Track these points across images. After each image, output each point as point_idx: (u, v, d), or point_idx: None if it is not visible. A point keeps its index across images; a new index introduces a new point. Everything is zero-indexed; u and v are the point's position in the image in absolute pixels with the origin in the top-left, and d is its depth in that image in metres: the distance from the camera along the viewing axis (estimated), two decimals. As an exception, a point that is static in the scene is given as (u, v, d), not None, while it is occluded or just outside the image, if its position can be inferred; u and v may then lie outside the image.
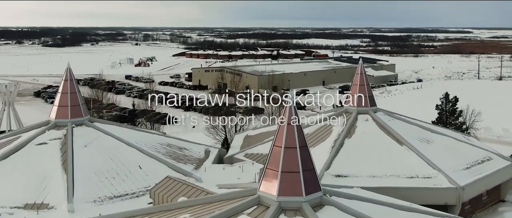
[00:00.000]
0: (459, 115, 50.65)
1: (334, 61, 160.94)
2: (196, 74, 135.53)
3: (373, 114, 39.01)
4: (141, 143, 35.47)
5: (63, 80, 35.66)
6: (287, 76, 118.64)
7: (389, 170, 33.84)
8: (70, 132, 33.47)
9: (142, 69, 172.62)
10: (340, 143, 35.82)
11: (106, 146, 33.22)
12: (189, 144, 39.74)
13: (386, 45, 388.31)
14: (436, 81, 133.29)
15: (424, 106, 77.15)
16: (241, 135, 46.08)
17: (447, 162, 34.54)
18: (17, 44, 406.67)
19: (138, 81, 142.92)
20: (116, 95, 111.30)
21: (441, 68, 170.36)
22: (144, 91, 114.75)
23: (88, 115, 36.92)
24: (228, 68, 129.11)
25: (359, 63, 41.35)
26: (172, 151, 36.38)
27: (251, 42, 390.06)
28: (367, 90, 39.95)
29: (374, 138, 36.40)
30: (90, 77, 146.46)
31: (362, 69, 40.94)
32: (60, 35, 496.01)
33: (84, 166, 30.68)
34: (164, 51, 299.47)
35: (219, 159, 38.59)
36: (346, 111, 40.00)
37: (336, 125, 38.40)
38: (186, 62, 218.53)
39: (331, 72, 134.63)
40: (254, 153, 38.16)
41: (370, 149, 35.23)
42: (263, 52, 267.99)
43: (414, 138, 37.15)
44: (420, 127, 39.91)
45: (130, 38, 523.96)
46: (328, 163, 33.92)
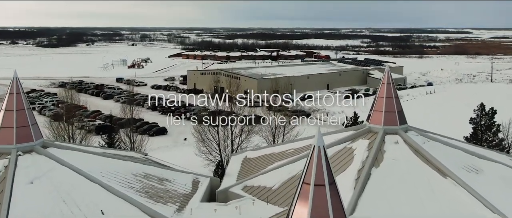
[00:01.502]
0: (497, 130, 42.57)
1: (338, 63, 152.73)
2: (191, 77, 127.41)
3: (404, 134, 30.93)
4: (109, 175, 27.42)
5: (8, 94, 27.60)
6: (289, 80, 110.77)
7: (432, 211, 25.70)
8: (14, 163, 25.38)
9: (135, 72, 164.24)
10: (366, 175, 27.68)
11: (60, 182, 25.17)
12: (173, 172, 31.66)
13: (388, 46, 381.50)
14: (448, 84, 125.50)
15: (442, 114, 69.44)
16: (238, 157, 38.03)
17: (507, 200, 26.50)
18: (11, 45, 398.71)
19: (130, 84, 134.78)
20: (104, 100, 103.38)
21: (450, 70, 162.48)
22: (134, 96, 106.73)
23: (42, 138, 28.77)
24: (226, 71, 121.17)
25: (385, 71, 33.23)
26: (149, 185, 28.30)
27: (249, 42, 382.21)
28: (396, 105, 31.88)
29: (408, 167, 28.30)
30: (78, 80, 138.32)
31: (390, 77, 32.84)
32: (56, 36, 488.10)
33: (24, 212, 22.59)
34: (160, 52, 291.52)
35: (210, 192, 30.59)
36: (369, 130, 31.95)
37: (358, 148, 30.33)
38: (182, 64, 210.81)
39: (336, 75, 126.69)
40: (254, 185, 30.13)
41: (405, 183, 27.13)
42: (262, 53, 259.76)
43: (459, 166, 29.06)
44: (463, 150, 31.83)
45: (127, 38, 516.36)
46: (352, 203, 25.80)
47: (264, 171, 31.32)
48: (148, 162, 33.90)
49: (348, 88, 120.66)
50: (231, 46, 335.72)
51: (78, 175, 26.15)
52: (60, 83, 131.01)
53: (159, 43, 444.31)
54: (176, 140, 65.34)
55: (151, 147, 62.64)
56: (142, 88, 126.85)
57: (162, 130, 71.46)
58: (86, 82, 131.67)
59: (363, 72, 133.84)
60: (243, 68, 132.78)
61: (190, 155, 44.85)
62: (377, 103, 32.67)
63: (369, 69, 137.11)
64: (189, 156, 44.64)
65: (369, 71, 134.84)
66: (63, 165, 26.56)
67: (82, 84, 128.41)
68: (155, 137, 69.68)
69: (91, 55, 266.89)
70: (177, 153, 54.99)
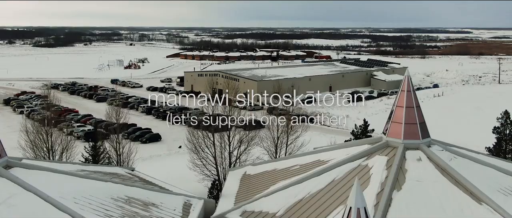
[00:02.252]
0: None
1: (340, 64, 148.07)
2: (189, 79, 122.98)
3: (428, 150, 26.74)
4: (84, 200, 23.25)
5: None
6: (290, 82, 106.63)
7: (468, 246, 21.63)
8: (-32, 188, 21.17)
9: (131, 73, 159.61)
10: (387, 201, 23.50)
11: (21, 212, 20.93)
12: (162, 194, 27.39)
13: (388, 46, 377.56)
14: (454, 86, 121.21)
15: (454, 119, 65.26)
16: (236, 172, 33.75)
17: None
18: (7, 44, 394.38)
19: (125, 86, 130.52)
20: (97, 103, 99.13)
21: (455, 71, 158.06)
22: (128, 99, 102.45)
23: (5, 156, 24.57)
24: (224, 72, 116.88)
25: (405, 75, 28.97)
26: (131, 212, 24.10)
27: (249, 42, 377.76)
28: (418, 115, 27.73)
29: (436, 191, 24.14)
30: (71, 81, 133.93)
31: (410, 84, 28.67)
32: (54, 35, 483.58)
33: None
34: (158, 52, 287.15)
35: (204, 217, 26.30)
36: (387, 145, 27.76)
37: (375, 167, 26.14)
38: (180, 64, 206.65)
39: (339, 77, 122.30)
40: (255, 210, 25.91)
41: (434, 210, 22.97)
42: (262, 53, 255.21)
43: (494, 188, 24.84)
44: (496, 168, 27.57)
45: (126, 38, 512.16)
46: (373, 236, 21.65)
47: (266, 193, 27.10)
48: (133, 180, 29.71)
49: (351, 90, 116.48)
50: (230, 46, 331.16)
51: (45, 202, 21.96)
52: (52, 85, 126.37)
53: (158, 43, 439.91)
54: (171, 148, 61.14)
55: (143, 156, 58.49)
56: (137, 90, 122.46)
57: (155, 137, 67.17)
58: (80, 84, 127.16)
59: (367, 73, 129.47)
60: (242, 69, 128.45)
61: (184, 166, 40.67)
62: (396, 114, 28.44)
63: (373, 70, 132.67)
64: (183, 168, 40.49)
65: (373, 72, 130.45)
66: (28, 189, 22.40)
67: (75, 86, 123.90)
68: (148, 144, 65.39)
69: (88, 55, 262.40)
70: (171, 163, 50.85)
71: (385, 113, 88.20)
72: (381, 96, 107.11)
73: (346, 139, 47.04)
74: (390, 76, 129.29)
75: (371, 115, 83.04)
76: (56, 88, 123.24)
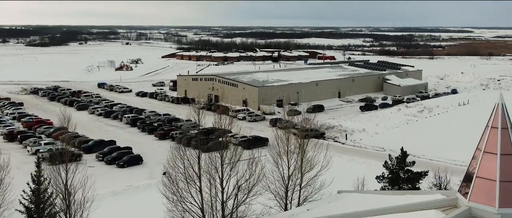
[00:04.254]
0: None
1: (349, 66, 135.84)
2: (182, 83, 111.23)
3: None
4: None
5: None
6: (295, 88, 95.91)
7: None
8: None
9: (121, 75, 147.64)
10: None
11: None
12: None
13: (392, 45, 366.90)
14: (474, 92, 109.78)
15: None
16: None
17: None
18: (1, 43, 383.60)
19: (112, 90, 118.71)
20: (77, 111, 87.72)
21: (471, 74, 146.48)
22: (113, 107, 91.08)
23: None
24: (222, 76, 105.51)
25: (496, 106, 18.01)
26: None
27: (248, 42, 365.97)
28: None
29: None
30: (54, 85, 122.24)
31: (505, 115, 17.80)
32: (50, 34, 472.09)
33: None
34: (154, 52, 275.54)
35: None
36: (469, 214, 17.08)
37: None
38: (175, 65, 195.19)
39: (348, 81, 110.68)
40: None
41: None
42: (262, 54, 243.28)
43: None
44: None
45: (123, 37, 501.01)
46: None
47: None
48: None
49: (363, 96, 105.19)
50: (229, 45, 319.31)
51: None
52: (32, 90, 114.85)
53: (155, 42, 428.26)
54: (153, 174, 49.77)
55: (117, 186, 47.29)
56: (125, 96, 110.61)
57: (136, 159, 55.76)
58: (62, 88, 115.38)
59: (379, 77, 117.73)
60: (241, 72, 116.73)
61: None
62: (484, 165, 17.51)
63: (385, 73, 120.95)
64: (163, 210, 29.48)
65: (385, 76, 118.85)
66: None
67: (57, 91, 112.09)
68: (126, 168, 54.07)
69: (80, 55, 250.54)
70: (149, 202, 39.62)
71: (406, 125, 77.17)
72: (396, 103, 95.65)
73: (377, 175, 35.76)
74: (404, 81, 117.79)
75: (391, 129, 71.88)
76: (36, 94, 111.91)
